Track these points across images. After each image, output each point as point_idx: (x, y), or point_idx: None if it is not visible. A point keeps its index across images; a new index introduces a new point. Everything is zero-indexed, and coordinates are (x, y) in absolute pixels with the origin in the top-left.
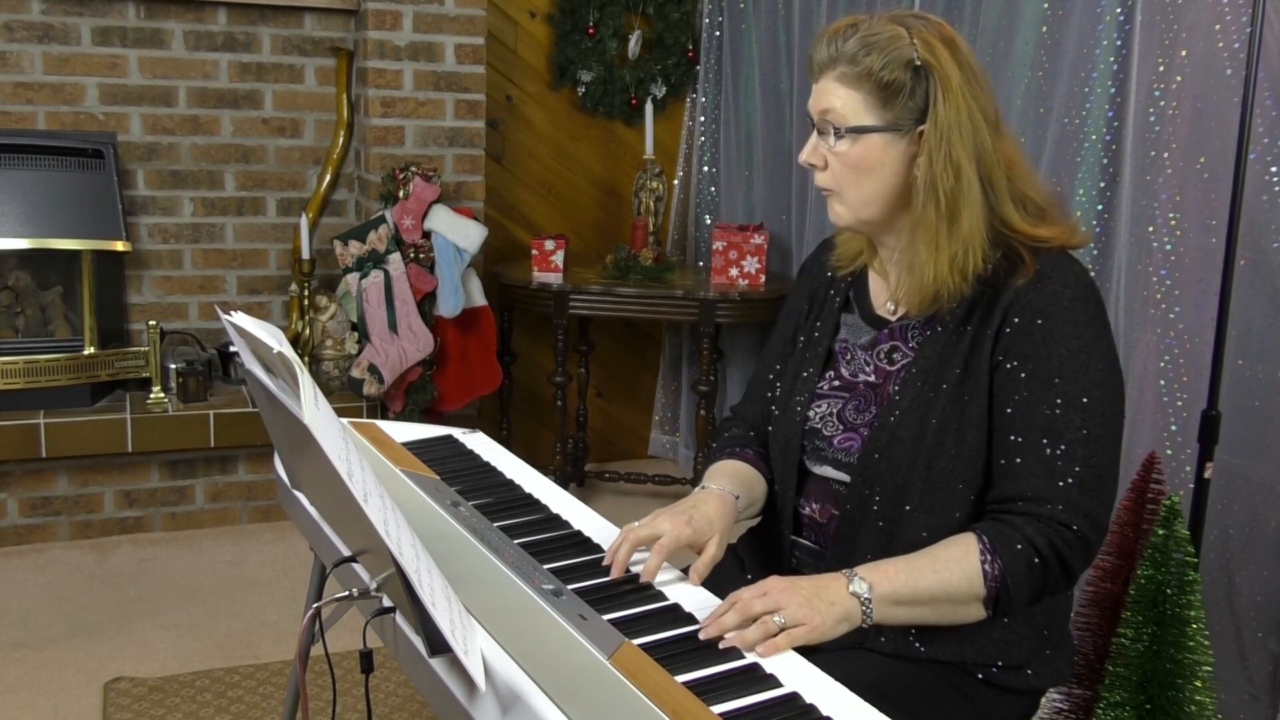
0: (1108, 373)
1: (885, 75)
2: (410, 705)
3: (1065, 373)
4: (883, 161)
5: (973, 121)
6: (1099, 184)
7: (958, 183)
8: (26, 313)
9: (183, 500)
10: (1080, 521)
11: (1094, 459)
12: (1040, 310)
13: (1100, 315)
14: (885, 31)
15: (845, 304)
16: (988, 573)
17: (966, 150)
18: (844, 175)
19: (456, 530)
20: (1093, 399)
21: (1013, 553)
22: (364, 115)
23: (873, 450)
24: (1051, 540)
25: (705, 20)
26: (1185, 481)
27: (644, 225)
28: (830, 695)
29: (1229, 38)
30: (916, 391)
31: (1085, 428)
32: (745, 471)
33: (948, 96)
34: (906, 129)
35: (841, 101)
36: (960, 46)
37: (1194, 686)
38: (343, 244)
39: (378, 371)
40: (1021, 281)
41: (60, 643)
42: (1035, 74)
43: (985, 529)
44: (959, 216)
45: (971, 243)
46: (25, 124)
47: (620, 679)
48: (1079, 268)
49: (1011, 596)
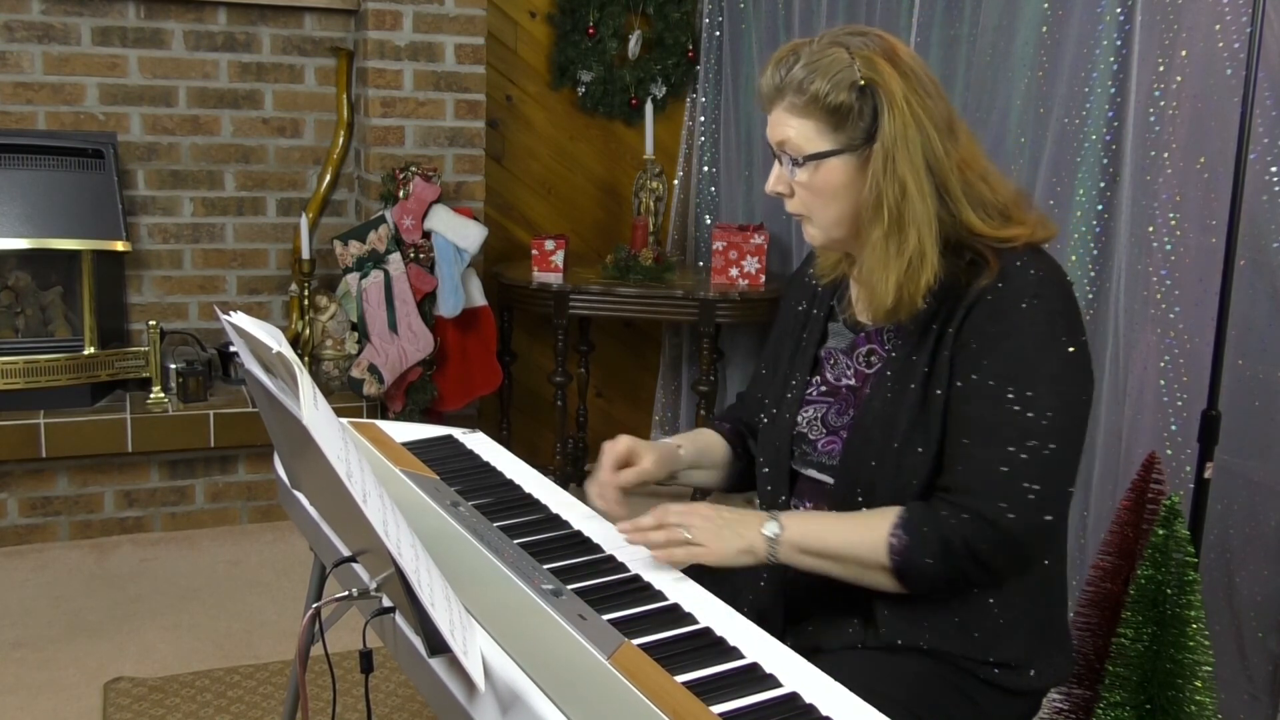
0: (1063, 369)
1: (832, 99)
2: (410, 705)
3: (1012, 370)
4: (845, 183)
5: (921, 132)
6: (1099, 184)
7: (904, 198)
8: (26, 313)
9: (183, 500)
10: (1000, 515)
11: (1033, 455)
12: (995, 308)
13: (1064, 311)
14: (827, 56)
15: (830, 313)
16: (892, 545)
17: (915, 162)
18: (811, 201)
19: (456, 530)
20: (1039, 394)
21: (921, 534)
22: (364, 115)
23: (851, 452)
24: (963, 530)
25: (705, 20)
26: (1185, 481)
27: (644, 225)
28: (830, 695)
29: (1229, 38)
30: (887, 392)
31: (1026, 424)
32: (707, 436)
33: (893, 111)
34: (861, 148)
35: (795, 131)
36: (902, 56)
37: (1194, 686)
38: (343, 244)
39: (378, 371)
40: (985, 282)
41: (60, 643)
42: (1035, 74)
43: (913, 506)
44: (906, 231)
45: (921, 257)
46: (25, 124)
47: (620, 679)
48: (1046, 264)
49: (916, 573)
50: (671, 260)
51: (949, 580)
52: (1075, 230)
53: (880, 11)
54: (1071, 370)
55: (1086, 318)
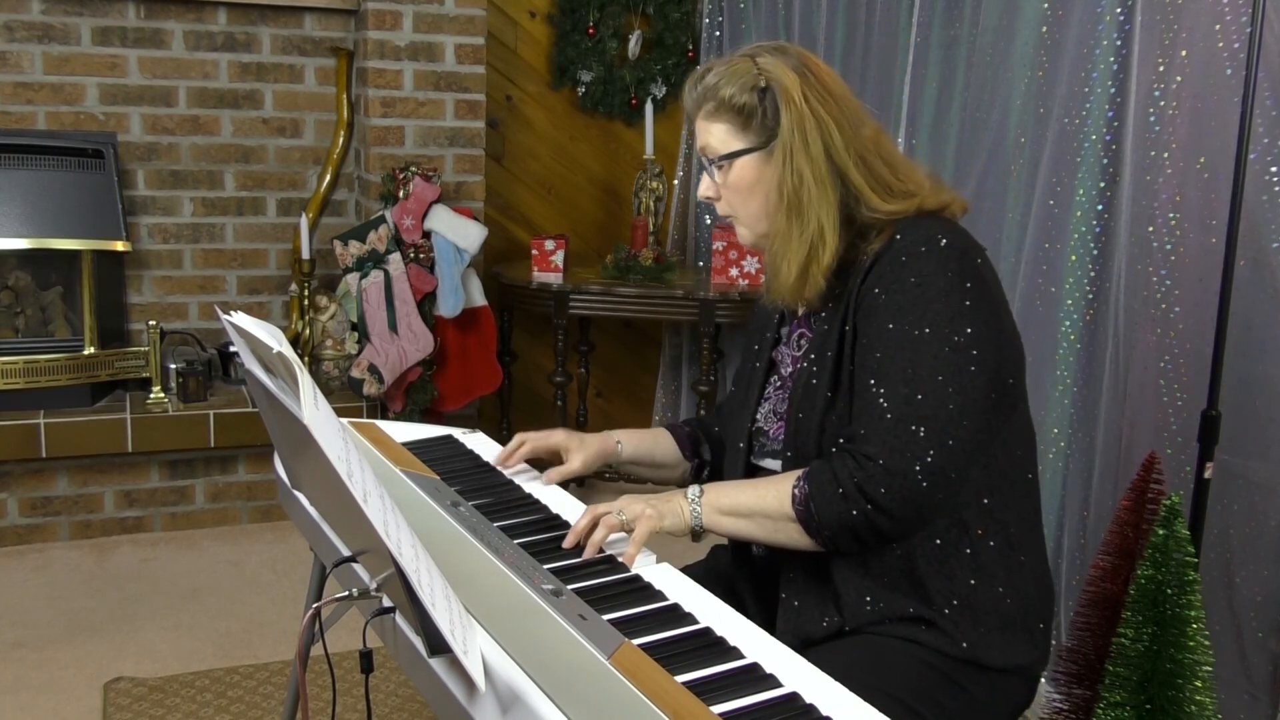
0: (956, 315)
1: (736, 100)
2: (410, 705)
3: (898, 316)
4: (758, 179)
5: (819, 125)
6: (1099, 184)
7: (801, 185)
8: (26, 313)
9: (183, 500)
10: (887, 456)
11: (918, 396)
12: (884, 264)
13: (952, 263)
14: (734, 65)
15: (782, 316)
16: (795, 496)
17: (813, 153)
18: (733, 200)
19: (456, 530)
20: (928, 338)
21: (819, 482)
22: (364, 115)
23: (790, 431)
24: (854, 475)
25: (705, 20)
26: (1185, 481)
27: (644, 225)
28: (830, 695)
29: (1229, 38)
30: (813, 366)
31: (911, 367)
32: (657, 435)
33: (789, 107)
34: (768, 145)
35: (712, 135)
36: (810, 64)
37: (1194, 686)
38: (343, 244)
39: (378, 371)
40: (877, 246)
41: (60, 643)
42: (1035, 74)
43: (817, 461)
44: (806, 217)
45: (823, 240)
46: (25, 124)
47: (620, 679)
48: (940, 226)
49: (818, 521)
50: (671, 260)
51: (852, 529)
52: (1075, 230)
53: (880, 11)
54: (964, 319)
55: (1086, 318)
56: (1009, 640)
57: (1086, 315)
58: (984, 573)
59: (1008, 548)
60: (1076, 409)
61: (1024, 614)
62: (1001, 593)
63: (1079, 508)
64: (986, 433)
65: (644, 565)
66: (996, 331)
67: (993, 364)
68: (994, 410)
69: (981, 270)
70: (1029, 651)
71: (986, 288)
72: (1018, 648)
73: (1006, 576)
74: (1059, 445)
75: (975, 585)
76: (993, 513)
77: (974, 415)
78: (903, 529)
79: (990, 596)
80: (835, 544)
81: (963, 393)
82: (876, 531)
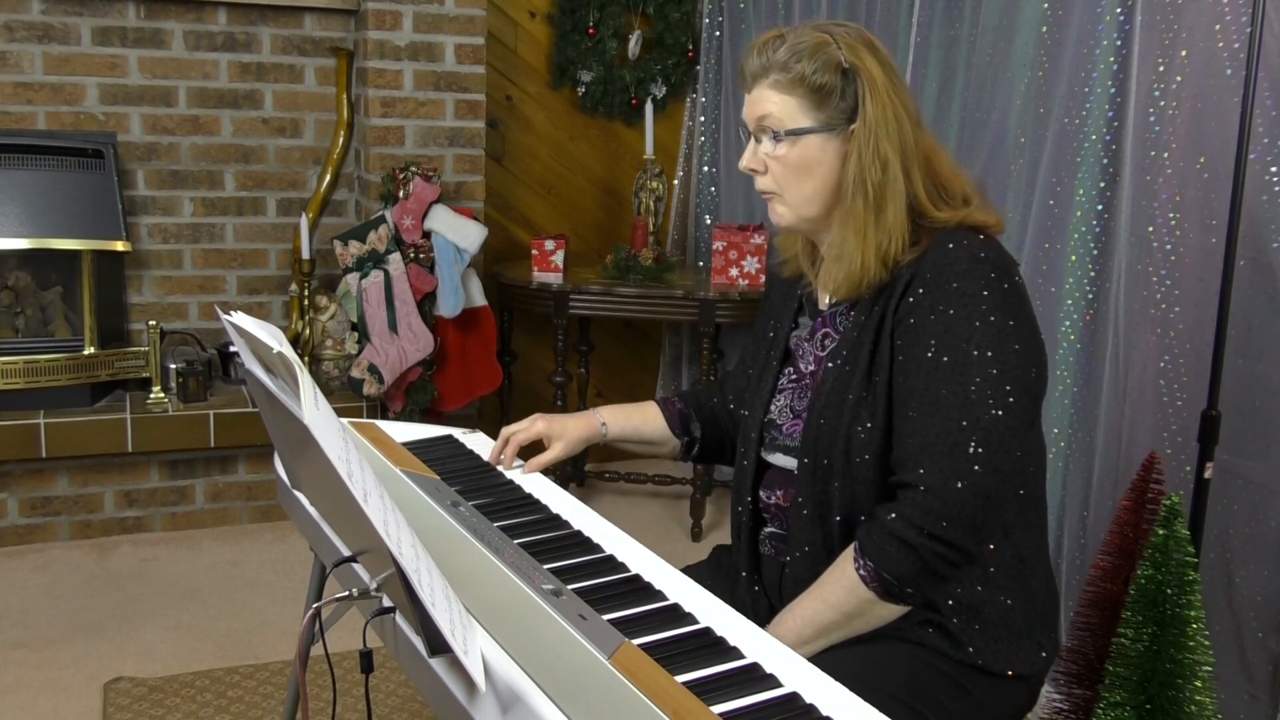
0: (1000, 338)
1: (817, 79)
2: (410, 705)
3: (942, 338)
4: (820, 160)
5: (897, 119)
6: (1099, 184)
7: (884, 175)
8: (26, 313)
9: (183, 500)
10: (946, 483)
11: (973, 421)
12: (924, 280)
13: (995, 281)
14: (812, 39)
15: (800, 306)
16: (864, 578)
17: (892, 145)
18: (784, 177)
19: (456, 530)
20: (976, 363)
21: (876, 547)
22: (364, 115)
23: (809, 431)
24: (912, 518)
25: (705, 20)
26: (1185, 481)
27: (644, 225)
28: (830, 695)
29: (1229, 38)
30: (837, 371)
31: (959, 389)
32: (647, 412)
33: (875, 96)
34: (839, 128)
35: (777, 106)
36: (880, 49)
37: (1194, 686)
38: (343, 244)
39: (378, 371)
40: (917, 257)
41: (60, 643)
42: (1035, 74)
43: (860, 533)
44: (885, 207)
45: (895, 231)
46: (25, 124)
47: (620, 679)
48: (981, 243)
49: (899, 586)
50: (671, 260)
51: (930, 572)
52: (1075, 230)
53: (880, 11)
54: (1010, 339)
55: (1086, 318)
56: (1015, 649)
57: (1086, 315)
58: (994, 584)
59: (1019, 561)
60: (1076, 409)
61: (1031, 624)
62: (1010, 605)
63: (1079, 508)
64: (1025, 448)
65: (645, 566)
66: (1037, 350)
67: (1035, 381)
68: (1031, 426)
69: (1020, 287)
70: (1035, 660)
71: (1026, 305)
72: (1024, 656)
73: (1015, 588)
74: (1059, 445)
75: (984, 596)
76: (1007, 528)
77: (1020, 435)
78: (971, 553)
79: (999, 608)
80: (922, 594)
81: (1010, 414)
82: (949, 563)
